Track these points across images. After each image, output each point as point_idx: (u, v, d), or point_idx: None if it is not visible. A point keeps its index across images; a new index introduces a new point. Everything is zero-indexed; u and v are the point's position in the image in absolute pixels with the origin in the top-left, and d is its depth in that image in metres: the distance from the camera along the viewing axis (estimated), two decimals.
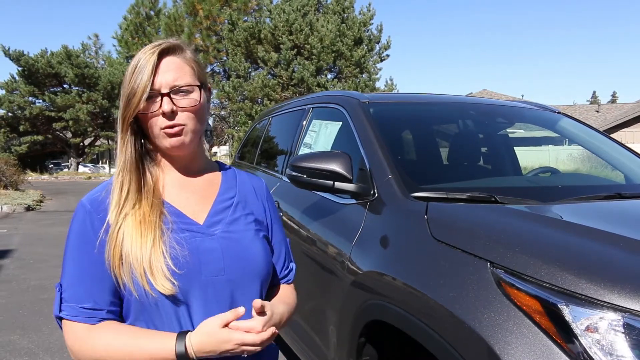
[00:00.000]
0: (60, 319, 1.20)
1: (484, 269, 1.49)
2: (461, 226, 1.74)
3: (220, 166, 1.41)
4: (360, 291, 2.01)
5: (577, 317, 1.26)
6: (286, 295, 1.43)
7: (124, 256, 1.16)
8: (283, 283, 1.46)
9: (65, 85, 35.46)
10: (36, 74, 33.35)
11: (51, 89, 35.23)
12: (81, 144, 39.13)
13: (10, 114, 34.66)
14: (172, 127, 1.20)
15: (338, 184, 2.24)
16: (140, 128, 1.25)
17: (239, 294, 1.24)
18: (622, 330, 1.22)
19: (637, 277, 1.30)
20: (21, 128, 35.01)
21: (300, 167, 2.29)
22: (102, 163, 46.09)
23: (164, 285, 1.14)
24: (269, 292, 1.38)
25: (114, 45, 39.36)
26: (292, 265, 1.50)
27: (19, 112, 34.31)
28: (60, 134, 37.98)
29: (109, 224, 1.19)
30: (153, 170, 1.28)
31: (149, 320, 1.20)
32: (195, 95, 1.23)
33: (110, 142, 40.02)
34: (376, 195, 2.17)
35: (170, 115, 1.19)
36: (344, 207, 2.40)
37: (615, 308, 1.24)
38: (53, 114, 34.55)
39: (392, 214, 2.06)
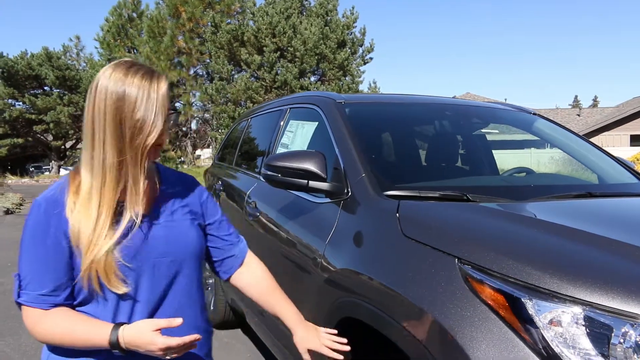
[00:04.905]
0: (19, 304, 1.35)
1: (452, 265, 1.51)
2: (431, 223, 1.76)
3: (157, 167, 1.57)
4: (334, 289, 2.02)
5: (541, 311, 1.28)
6: (265, 277, 1.70)
7: (79, 251, 1.31)
8: (242, 252, 1.67)
9: (45, 88, 34.98)
10: (16, 76, 32.87)
11: (31, 91, 34.74)
12: (62, 146, 38.69)
13: None
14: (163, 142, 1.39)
15: (312, 183, 2.24)
16: None
17: (181, 271, 1.46)
18: (583, 323, 1.24)
19: (597, 271, 1.33)
20: (0, 131, 34.52)
21: (275, 167, 2.30)
22: None
23: (118, 286, 1.33)
24: (241, 270, 1.66)
25: (96, 48, 38.62)
26: (236, 231, 1.70)
27: None
28: (41, 137, 37.48)
29: (67, 218, 1.32)
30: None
31: (95, 302, 1.37)
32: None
33: None
34: (350, 194, 2.18)
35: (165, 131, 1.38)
36: (318, 206, 2.40)
37: (577, 301, 1.26)
38: (33, 116, 34.04)
39: (364, 212, 2.07)
